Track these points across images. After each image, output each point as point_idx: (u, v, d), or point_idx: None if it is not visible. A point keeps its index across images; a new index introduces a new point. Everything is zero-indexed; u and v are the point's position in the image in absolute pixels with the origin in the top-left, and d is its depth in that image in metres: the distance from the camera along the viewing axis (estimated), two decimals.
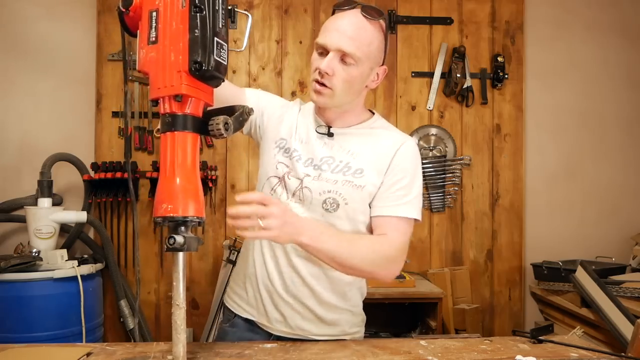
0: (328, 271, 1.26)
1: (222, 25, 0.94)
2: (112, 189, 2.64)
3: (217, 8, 0.92)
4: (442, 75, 2.84)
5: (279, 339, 1.28)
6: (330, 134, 1.29)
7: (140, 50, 0.95)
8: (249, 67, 2.82)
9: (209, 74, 0.91)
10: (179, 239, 0.90)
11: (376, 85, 1.30)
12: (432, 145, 2.84)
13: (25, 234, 2.43)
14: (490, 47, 2.88)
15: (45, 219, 2.34)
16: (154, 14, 0.93)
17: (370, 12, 1.21)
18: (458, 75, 2.79)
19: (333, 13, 1.25)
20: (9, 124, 2.74)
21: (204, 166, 2.70)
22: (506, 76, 2.84)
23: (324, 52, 1.21)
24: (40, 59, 2.75)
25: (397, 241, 1.22)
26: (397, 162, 1.26)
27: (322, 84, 1.21)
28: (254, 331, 1.32)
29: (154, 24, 0.93)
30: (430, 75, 2.85)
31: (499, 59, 2.83)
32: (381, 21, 1.23)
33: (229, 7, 2.72)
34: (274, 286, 1.28)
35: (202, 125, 0.96)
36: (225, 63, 0.95)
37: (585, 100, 2.94)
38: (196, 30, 0.90)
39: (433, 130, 2.85)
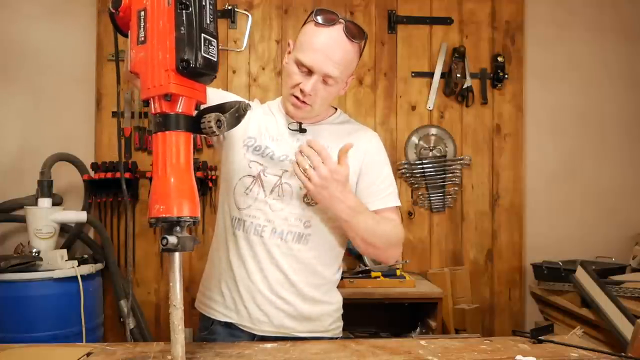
0: (310, 266, 1.29)
1: (211, 21, 0.92)
2: (112, 188, 2.64)
3: (203, 4, 0.91)
4: (442, 75, 2.84)
5: (262, 339, 1.27)
6: (302, 130, 1.33)
7: (130, 50, 0.94)
8: (249, 67, 2.82)
9: (197, 71, 0.89)
10: (172, 239, 0.89)
11: (344, 92, 1.38)
12: (432, 145, 2.84)
13: (25, 234, 2.43)
14: (490, 47, 2.88)
15: (45, 219, 2.34)
16: (142, 13, 0.92)
17: (353, 32, 1.23)
18: (458, 75, 2.78)
19: (308, 18, 1.25)
20: (9, 124, 2.74)
21: (204, 166, 2.70)
22: (506, 76, 2.84)
23: (308, 72, 1.23)
24: (40, 59, 2.74)
25: (401, 227, 1.35)
26: (372, 156, 1.35)
27: (303, 101, 1.26)
28: (235, 335, 1.31)
29: (142, 24, 0.92)
30: (430, 75, 2.85)
31: (499, 59, 2.83)
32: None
33: (229, 7, 2.74)
34: (256, 285, 1.28)
35: (195, 123, 0.94)
36: (215, 59, 0.92)
37: (585, 100, 2.94)
38: (182, 28, 0.88)
39: (433, 130, 2.84)
